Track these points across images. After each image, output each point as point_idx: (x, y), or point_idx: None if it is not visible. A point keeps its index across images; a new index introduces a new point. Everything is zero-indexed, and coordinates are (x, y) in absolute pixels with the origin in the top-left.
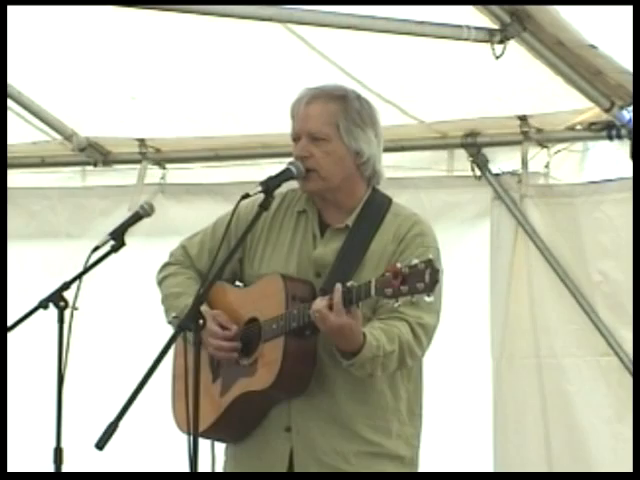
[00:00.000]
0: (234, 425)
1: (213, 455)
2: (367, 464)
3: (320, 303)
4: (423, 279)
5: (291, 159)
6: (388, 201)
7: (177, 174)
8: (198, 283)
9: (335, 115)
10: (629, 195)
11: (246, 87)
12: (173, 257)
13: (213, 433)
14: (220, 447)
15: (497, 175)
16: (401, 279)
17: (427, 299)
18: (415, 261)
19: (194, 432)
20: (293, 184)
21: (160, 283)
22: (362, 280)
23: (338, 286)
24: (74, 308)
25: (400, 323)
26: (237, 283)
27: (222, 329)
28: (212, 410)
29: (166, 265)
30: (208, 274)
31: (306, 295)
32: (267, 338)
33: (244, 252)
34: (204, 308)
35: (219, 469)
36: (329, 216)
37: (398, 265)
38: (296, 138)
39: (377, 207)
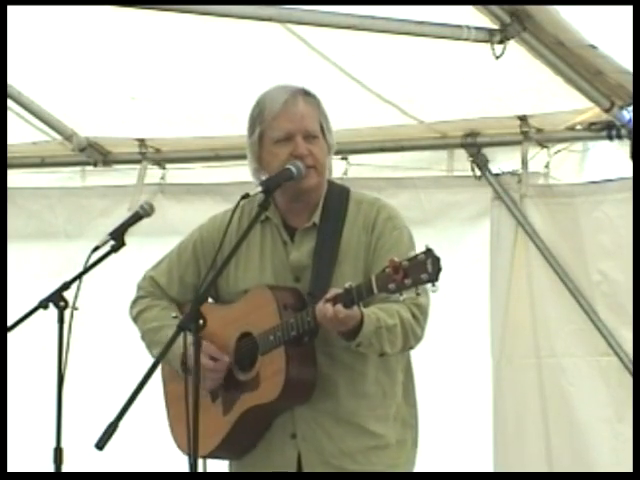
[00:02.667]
0: (240, 441)
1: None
2: (373, 459)
3: (322, 304)
4: (426, 269)
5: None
6: (347, 191)
7: (177, 174)
8: (175, 311)
9: (319, 113)
10: (629, 195)
11: (246, 87)
12: (143, 290)
13: (220, 452)
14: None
15: (497, 175)
16: (403, 273)
17: (433, 288)
18: (413, 253)
19: (194, 432)
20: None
21: (136, 319)
22: (343, 275)
23: (333, 290)
24: (74, 308)
25: (396, 305)
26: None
27: (213, 361)
28: (217, 430)
29: (137, 299)
30: (206, 275)
31: (296, 302)
32: (265, 351)
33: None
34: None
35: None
36: (293, 218)
37: (396, 259)
38: (286, 138)
39: (338, 199)
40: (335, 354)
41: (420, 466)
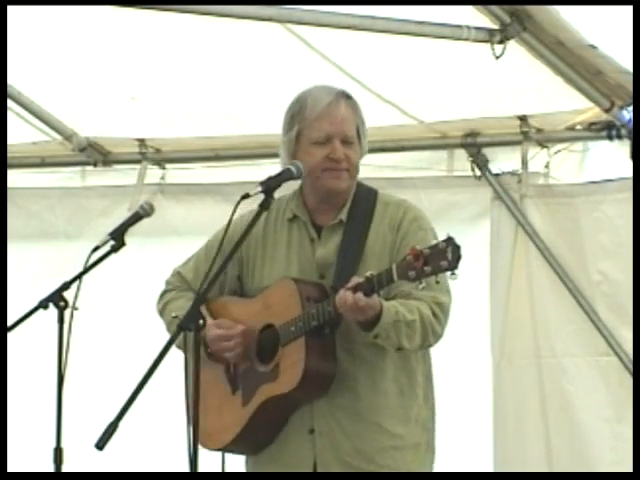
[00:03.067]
0: (258, 434)
1: (223, 465)
2: (389, 460)
3: (343, 292)
4: (446, 257)
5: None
6: (374, 192)
7: (177, 174)
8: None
9: (355, 118)
10: (629, 195)
11: (246, 87)
12: (170, 284)
13: (237, 445)
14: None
15: (497, 175)
16: (423, 260)
17: (452, 277)
18: (434, 241)
19: (194, 432)
20: (294, 184)
21: (162, 312)
22: (366, 273)
23: (355, 278)
24: (74, 308)
25: (417, 302)
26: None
27: (227, 330)
28: (236, 421)
29: (164, 293)
30: (207, 274)
31: (319, 295)
32: (286, 341)
33: (241, 269)
34: (209, 320)
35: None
36: (320, 217)
37: (418, 247)
38: (327, 140)
39: (365, 199)
40: (355, 350)
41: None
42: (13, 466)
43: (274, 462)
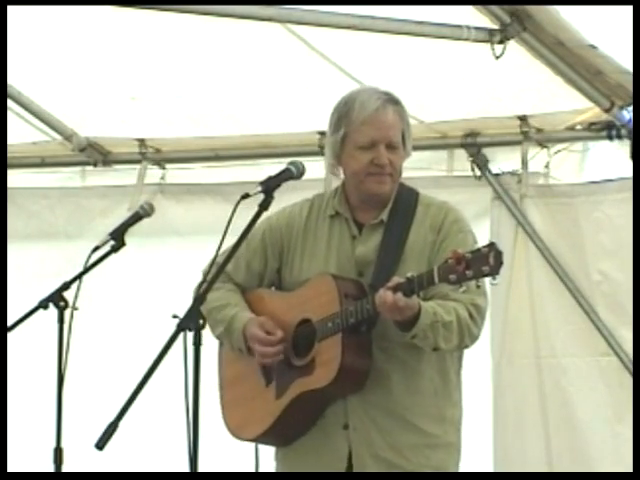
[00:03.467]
0: (290, 426)
1: (257, 460)
2: (422, 457)
3: (383, 291)
4: (488, 262)
5: (290, 159)
6: (416, 193)
7: (177, 174)
8: (239, 293)
9: (401, 123)
10: (629, 195)
11: (246, 87)
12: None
13: (269, 437)
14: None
15: (497, 175)
16: (465, 264)
17: (493, 282)
18: (477, 246)
19: (194, 432)
20: (294, 184)
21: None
22: (407, 272)
23: (395, 278)
24: (74, 308)
25: (454, 303)
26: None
27: (268, 335)
28: (268, 413)
29: (202, 283)
30: (208, 271)
31: (357, 293)
32: (323, 337)
33: (281, 262)
34: (249, 315)
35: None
36: (362, 215)
37: (460, 251)
38: (372, 145)
39: (407, 200)
40: (391, 349)
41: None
42: (13, 466)
43: (307, 455)
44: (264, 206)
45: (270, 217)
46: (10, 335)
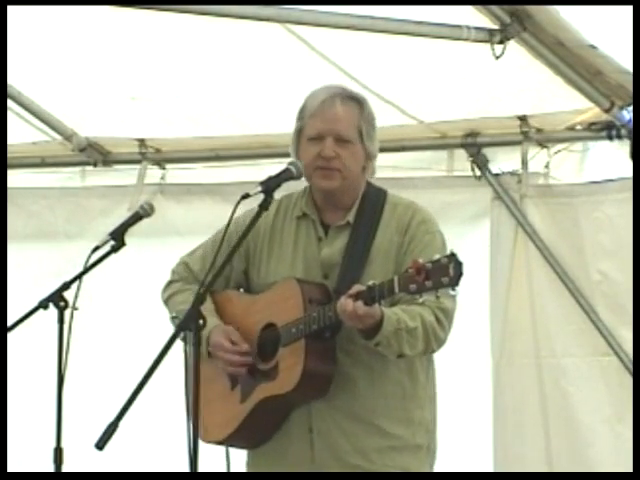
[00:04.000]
0: (256, 430)
1: (228, 462)
2: (387, 459)
3: (344, 299)
4: (447, 273)
5: (290, 159)
6: (383, 193)
7: (177, 174)
8: (206, 296)
9: (359, 119)
10: (629, 195)
11: (246, 87)
12: (176, 274)
13: (235, 440)
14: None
15: (497, 175)
16: (425, 275)
17: (452, 292)
18: (437, 256)
19: (194, 432)
20: (294, 184)
21: (167, 302)
22: (372, 275)
23: (356, 286)
24: (74, 308)
25: (420, 307)
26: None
27: (233, 345)
28: (233, 417)
29: (170, 283)
30: (207, 273)
31: (322, 297)
32: (286, 342)
33: (248, 263)
34: (216, 321)
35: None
36: (328, 216)
37: (420, 261)
38: (317, 138)
39: (374, 200)
40: (356, 352)
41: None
42: (13, 466)
43: (273, 459)
44: (264, 206)
45: (238, 218)
46: (10, 335)
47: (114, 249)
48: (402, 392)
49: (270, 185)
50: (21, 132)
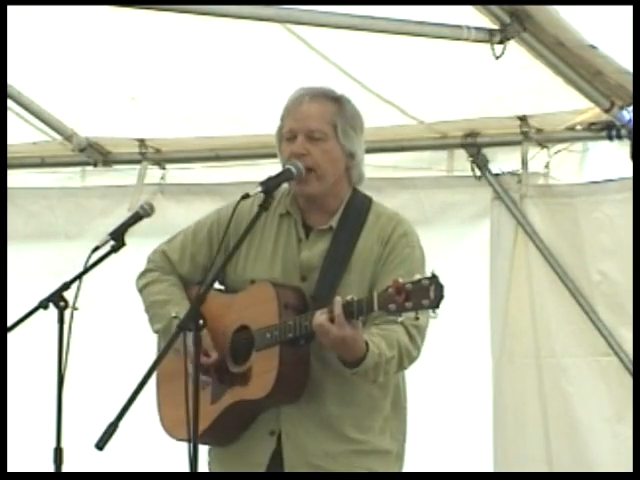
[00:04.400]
0: (224, 431)
1: (191, 457)
2: (353, 461)
3: (321, 317)
4: (428, 296)
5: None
6: (369, 201)
7: (177, 174)
8: (182, 289)
9: (333, 115)
10: (629, 195)
11: (246, 87)
12: (152, 263)
13: (203, 439)
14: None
15: (497, 175)
16: (405, 295)
17: (433, 315)
18: (418, 276)
19: (194, 432)
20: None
21: (141, 290)
22: (349, 283)
23: (338, 299)
24: (74, 308)
25: (396, 326)
26: (217, 286)
27: (204, 355)
28: (203, 417)
29: (146, 272)
30: (206, 275)
31: (298, 303)
32: (260, 347)
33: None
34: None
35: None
36: (312, 218)
37: (401, 281)
38: (291, 137)
39: (359, 207)
40: (328, 359)
41: (420, 466)
42: (13, 466)
43: (234, 458)
44: (264, 206)
45: (220, 210)
46: (10, 335)
47: (114, 249)
48: (371, 402)
49: (270, 185)
50: (21, 132)
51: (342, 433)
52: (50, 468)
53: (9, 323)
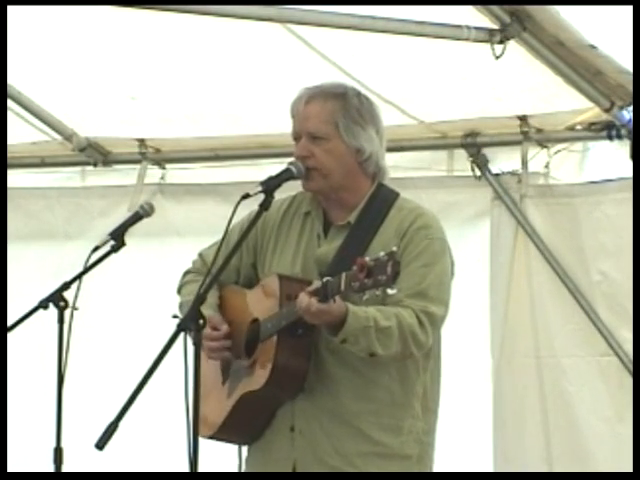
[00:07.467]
0: (243, 426)
1: (240, 458)
2: (372, 466)
3: (302, 295)
4: (385, 271)
5: (291, 159)
6: (394, 196)
7: (177, 174)
8: (215, 289)
9: (334, 113)
10: (629, 195)
11: (246, 87)
12: (192, 265)
13: (223, 435)
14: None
15: (497, 175)
16: (366, 272)
17: (390, 292)
18: (381, 253)
19: (194, 432)
20: (294, 184)
21: (179, 291)
22: None
23: (316, 281)
24: (74, 308)
25: (402, 309)
26: None
27: (214, 330)
28: (220, 412)
29: (185, 273)
30: (207, 274)
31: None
32: (263, 338)
33: (256, 257)
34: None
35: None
36: (333, 215)
37: (366, 258)
38: (297, 137)
39: (381, 202)
40: (341, 352)
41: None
42: (13, 466)
43: (259, 456)
44: (264, 206)
45: (251, 212)
46: (10, 335)
47: (114, 249)
48: (390, 399)
49: (270, 185)
50: (21, 132)
51: (361, 430)
52: (50, 468)
53: (9, 323)
